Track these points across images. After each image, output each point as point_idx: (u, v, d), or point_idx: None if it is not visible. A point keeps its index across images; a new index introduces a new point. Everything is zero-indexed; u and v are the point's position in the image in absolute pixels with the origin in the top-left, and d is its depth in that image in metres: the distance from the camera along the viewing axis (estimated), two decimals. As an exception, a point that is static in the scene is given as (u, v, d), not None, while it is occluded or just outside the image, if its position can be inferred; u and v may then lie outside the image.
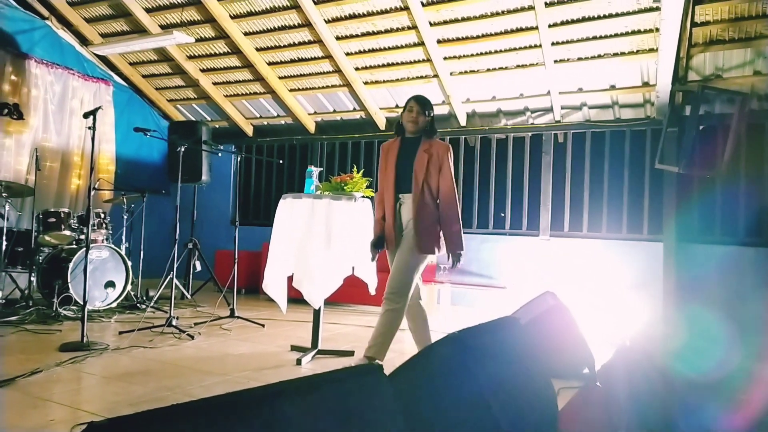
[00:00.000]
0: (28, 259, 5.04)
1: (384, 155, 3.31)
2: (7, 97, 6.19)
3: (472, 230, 6.76)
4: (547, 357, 2.67)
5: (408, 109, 3.24)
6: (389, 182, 3.20)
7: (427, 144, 3.20)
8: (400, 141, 3.29)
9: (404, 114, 3.26)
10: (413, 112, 3.22)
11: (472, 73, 6.16)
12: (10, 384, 2.70)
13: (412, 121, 3.22)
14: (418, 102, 3.25)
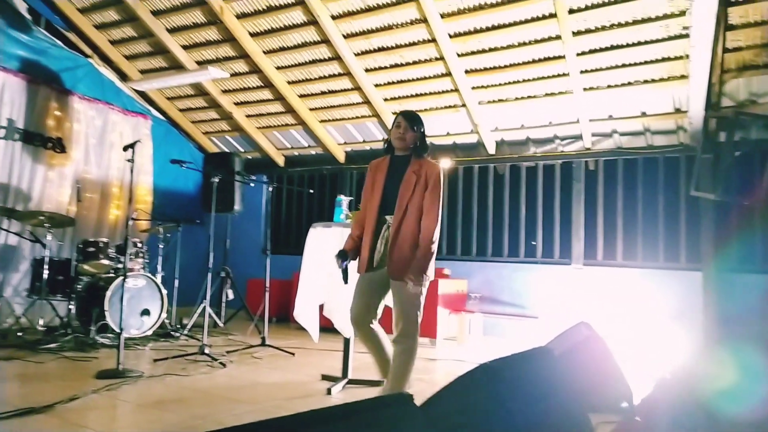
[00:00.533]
0: (67, 288, 5.19)
1: (371, 174, 3.11)
2: (51, 131, 6.49)
3: (503, 259, 6.70)
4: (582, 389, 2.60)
5: (396, 125, 3.01)
6: (374, 203, 2.99)
7: (417, 164, 2.99)
8: (389, 160, 3.09)
9: (392, 130, 3.04)
10: (400, 128, 2.98)
11: (500, 102, 6.20)
12: (49, 410, 2.77)
13: (399, 138, 2.98)
14: (405, 117, 3.01)
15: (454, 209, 7.12)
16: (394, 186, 2.96)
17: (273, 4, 5.86)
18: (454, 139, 6.93)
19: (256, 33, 6.27)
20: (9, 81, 6.06)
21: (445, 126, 6.84)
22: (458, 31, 5.55)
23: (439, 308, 5.78)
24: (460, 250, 7.03)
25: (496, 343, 6.06)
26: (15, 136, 6.13)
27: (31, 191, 6.24)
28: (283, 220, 8.42)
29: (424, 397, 1.65)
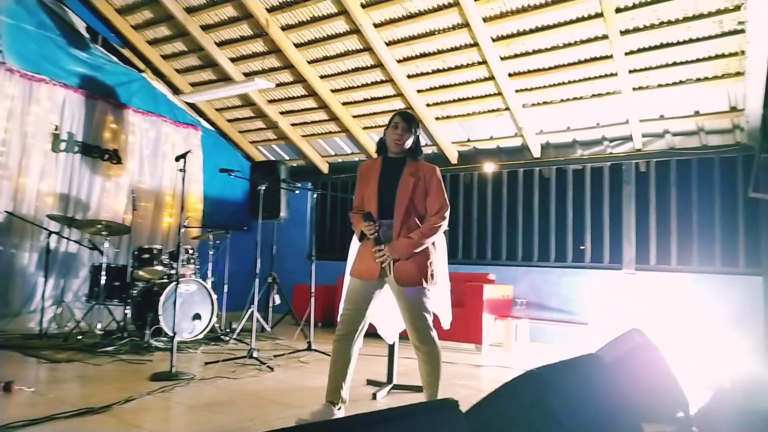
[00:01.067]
0: (123, 293, 5.41)
1: (363, 177, 2.97)
2: (107, 143, 6.80)
3: (550, 264, 6.56)
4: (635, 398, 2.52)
5: (393, 126, 2.88)
6: (371, 207, 2.85)
7: (413, 166, 2.88)
8: (382, 161, 2.95)
9: (388, 131, 2.90)
10: (399, 129, 2.85)
11: (545, 105, 6.10)
12: (106, 410, 2.89)
13: (397, 140, 2.85)
14: (404, 118, 2.89)
15: (499, 214, 7.03)
16: (390, 189, 2.84)
17: (316, 14, 5.97)
18: (497, 143, 6.86)
19: (300, 44, 6.40)
20: (69, 96, 6.39)
21: (488, 130, 6.78)
22: (501, 34, 5.50)
23: (485, 314, 5.71)
24: (505, 255, 6.93)
25: (543, 350, 5.94)
26: (75, 148, 6.46)
27: (89, 201, 6.55)
28: (328, 227, 8.52)
29: (469, 403, 1.63)
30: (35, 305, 5.74)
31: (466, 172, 7.29)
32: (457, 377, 4.30)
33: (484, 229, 7.12)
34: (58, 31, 6.38)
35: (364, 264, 2.88)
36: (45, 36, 6.24)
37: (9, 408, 2.88)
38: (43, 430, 2.53)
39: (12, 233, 5.80)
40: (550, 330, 6.23)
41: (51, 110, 6.21)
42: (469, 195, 7.28)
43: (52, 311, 5.67)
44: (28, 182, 5.96)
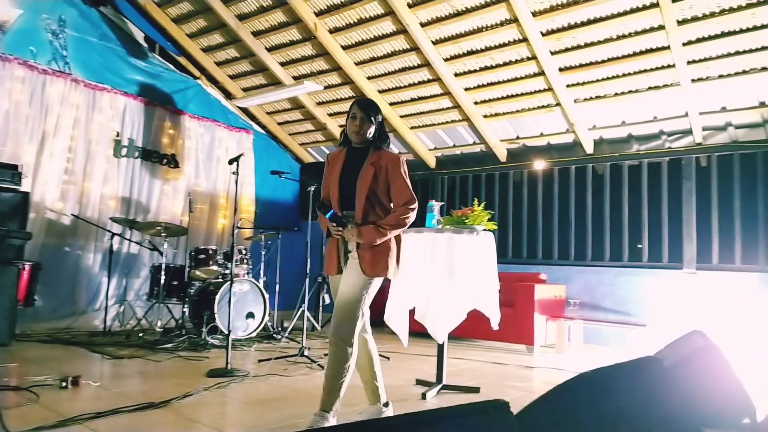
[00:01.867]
0: (181, 292, 5.62)
1: (329, 167, 2.87)
2: (165, 148, 7.08)
3: (604, 263, 6.36)
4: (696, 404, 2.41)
5: (351, 117, 2.74)
6: (333, 200, 2.78)
7: (375, 155, 2.74)
8: (346, 152, 2.83)
9: (347, 122, 2.77)
10: (357, 120, 2.71)
11: (598, 99, 5.92)
12: (166, 405, 3.01)
13: (355, 131, 2.72)
14: (361, 107, 2.74)
15: (550, 212, 6.87)
16: (351, 181, 2.72)
17: (363, 16, 6.01)
18: (548, 139, 6.72)
19: (347, 46, 6.47)
20: (129, 104, 6.69)
21: (538, 126, 6.64)
22: (551, 29, 5.38)
23: (536, 314, 5.60)
24: (557, 255, 6.77)
25: (598, 352, 5.77)
26: (135, 153, 6.75)
27: (149, 204, 6.84)
28: (377, 227, 8.55)
29: (520, 405, 1.61)
30: (100, 304, 6.04)
31: (516, 170, 7.17)
32: (508, 378, 4.24)
33: (535, 227, 6.97)
34: (118, 41, 6.70)
35: (328, 259, 2.82)
36: (107, 47, 6.56)
37: (77, 401, 3.04)
38: (108, 422, 2.66)
39: (78, 235, 6.13)
40: (606, 331, 6.04)
41: (113, 117, 6.52)
42: (519, 193, 7.15)
43: (115, 309, 5.96)
44: (93, 186, 6.28)
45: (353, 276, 2.65)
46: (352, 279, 2.65)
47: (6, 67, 5.60)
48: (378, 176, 2.70)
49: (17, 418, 2.59)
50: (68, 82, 6.10)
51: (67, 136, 6.09)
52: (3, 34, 5.65)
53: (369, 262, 2.64)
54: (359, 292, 2.62)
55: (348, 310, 2.60)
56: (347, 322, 2.59)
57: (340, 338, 2.59)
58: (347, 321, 2.59)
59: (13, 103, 5.65)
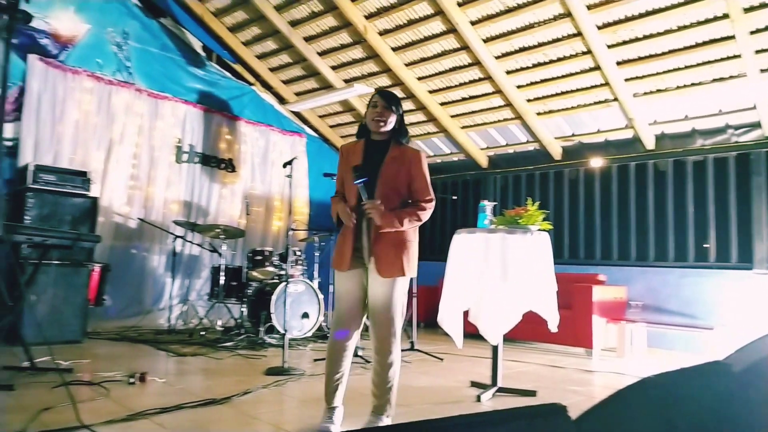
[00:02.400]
0: (240, 292, 5.79)
1: (344, 160, 2.72)
2: (223, 153, 7.32)
3: (668, 264, 6.09)
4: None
5: (372, 105, 2.64)
6: (351, 194, 2.64)
7: (397, 150, 2.64)
8: (364, 144, 2.69)
9: (368, 111, 2.65)
10: (378, 108, 2.60)
11: (659, 93, 5.69)
12: (227, 402, 3.11)
13: (377, 120, 2.59)
14: (383, 96, 2.64)
15: (608, 211, 6.64)
16: (370, 174, 2.58)
17: (413, 17, 6.02)
18: (605, 136, 6.51)
19: (397, 47, 6.49)
20: (189, 112, 6.96)
21: (595, 123, 6.45)
22: (607, 21, 5.22)
23: (594, 317, 5.43)
24: (616, 255, 6.54)
25: (662, 356, 5.53)
26: (195, 159, 7.02)
27: (209, 207, 7.10)
28: (428, 227, 8.54)
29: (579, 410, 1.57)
30: (164, 303, 6.31)
31: (572, 169, 6.99)
32: (566, 382, 4.14)
33: (592, 227, 6.76)
34: (178, 51, 6.98)
35: (338, 253, 2.67)
36: (167, 57, 6.85)
37: (144, 396, 3.19)
38: (172, 417, 2.77)
39: (143, 238, 6.43)
40: (670, 335, 5.79)
41: (174, 125, 6.80)
42: (575, 192, 6.96)
43: (178, 309, 6.21)
44: (156, 191, 6.57)
45: (378, 284, 2.58)
46: (378, 286, 2.58)
47: (75, 79, 5.94)
48: (400, 171, 2.61)
49: (90, 411, 2.74)
50: (132, 91, 6.41)
51: (132, 143, 6.40)
52: (72, 48, 6.00)
53: (384, 262, 2.56)
54: (389, 298, 2.57)
55: (385, 319, 2.57)
56: (386, 329, 2.57)
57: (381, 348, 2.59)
58: (386, 329, 2.57)
59: (83, 113, 5.99)
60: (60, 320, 4.68)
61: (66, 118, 5.84)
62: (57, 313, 4.66)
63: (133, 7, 6.55)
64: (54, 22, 5.84)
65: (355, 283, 2.66)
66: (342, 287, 2.68)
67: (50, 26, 5.83)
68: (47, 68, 5.74)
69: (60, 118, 5.80)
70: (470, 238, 3.61)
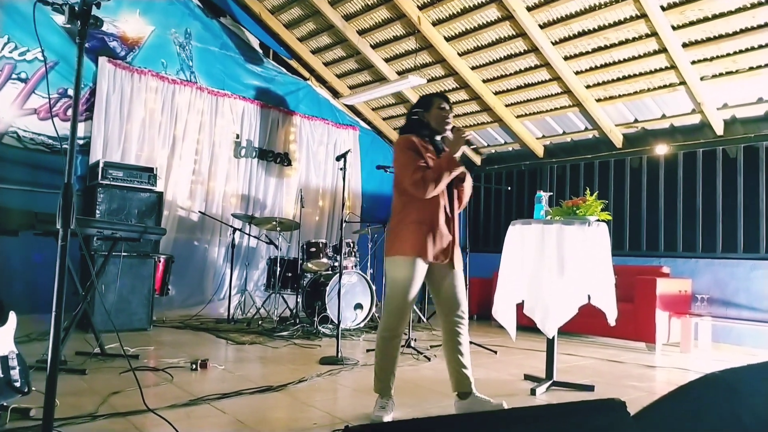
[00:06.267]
0: (295, 283, 5.92)
1: (422, 152, 2.73)
2: (279, 148, 7.48)
3: (737, 255, 5.76)
4: None
5: (441, 108, 2.82)
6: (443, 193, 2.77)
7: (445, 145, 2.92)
8: (428, 143, 2.81)
9: (436, 112, 2.81)
10: (449, 111, 2.85)
11: (729, 75, 5.36)
12: (283, 389, 3.19)
13: (449, 123, 2.84)
14: (448, 101, 2.88)
15: (674, 200, 6.33)
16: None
17: (467, 5, 5.93)
18: (671, 121, 6.20)
19: (450, 37, 6.42)
20: (247, 108, 7.15)
21: (660, 108, 6.16)
22: (672, 2, 4.96)
23: (658, 311, 5.21)
24: (681, 246, 6.23)
25: (729, 352, 5.25)
26: (253, 153, 7.21)
27: (265, 200, 7.28)
28: (482, 219, 8.43)
29: (639, 405, 1.51)
30: (224, 293, 6.54)
31: (634, 157, 6.70)
32: (626, 377, 4.00)
33: (656, 218, 6.47)
34: (236, 49, 7.17)
35: (440, 241, 2.74)
36: (226, 55, 7.06)
37: (205, 382, 3.32)
38: (232, 403, 2.87)
39: (204, 230, 6.68)
40: (739, 330, 5.48)
41: (233, 121, 7.01)
42: (638, 181, 6.68)
43: (237, 299, 6.42)
44: (216, 185, 6.80)
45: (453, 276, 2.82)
46: (455, 278, 2.83)
47: (141, 79, 6.22)
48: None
49: (155, 395, 2.89)
50: (194, 90, 6.65)
51: (194, 139, 6.65)
52: (138, 49, 6.28)
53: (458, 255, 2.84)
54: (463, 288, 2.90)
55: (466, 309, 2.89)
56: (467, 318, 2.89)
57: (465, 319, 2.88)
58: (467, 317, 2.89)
59: (148, 111, 6.27)
60: (128, 309, 4.94)
61: (133, 117, 6.13)
62: (125, 303, 4.92)
63: (195, 8, 6.78)
64: (121, 24, 6.13)
65: (423, 276, 2.77)
66: (418, 277, 2.72)
67: (118, 29, 6.12)
68: (116, 69, 6.03)
69: (127, 117, 6.09)
70: (526, 230, 3.53)
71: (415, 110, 2.89)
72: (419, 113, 2.86)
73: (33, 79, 5.54)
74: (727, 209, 5.90)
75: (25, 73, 5.49)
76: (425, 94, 3.03)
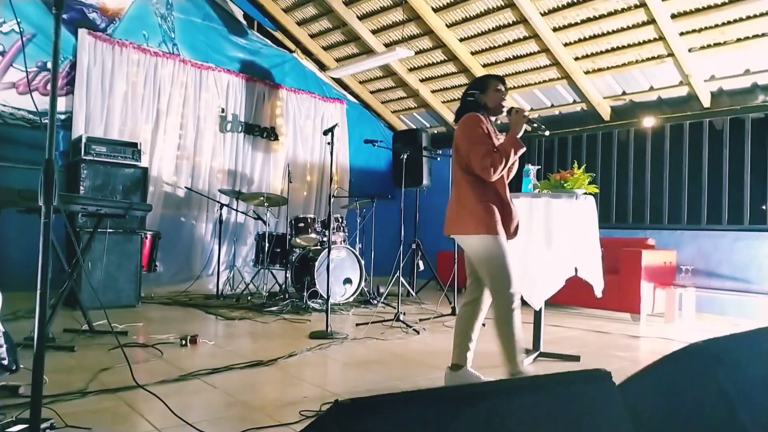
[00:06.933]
0: (284, 258, 5.92)
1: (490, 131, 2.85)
2: (266, 122, 7.39)
3: (721, 227, 5.84)
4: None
5: (497, 90, 2.89)
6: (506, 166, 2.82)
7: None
8: (489, 122, 2.91)
9: (493, 94, 2.88)
10: (504, 94, 2.92)
11: (716, 47, 5.35)
12: (273, 363, 3.21)
13: (504, 104, 2.91)
14: (505, 84, 2.96)
15: (660, 173, 6.38)
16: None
17: (454, -25, 5.82)
18: (658, 93, 6.20)
19: (438, 8, 6.32)
20: (232, 81, 7.03)
21: (647, 80, 6.15)
22: (661, -28, 4.91)
23: (643, 282, 5.29)
24: (666, 218, 6.31)
25: (712, 322, 5.37)
26: (239, 128, 7.12)
27: (252, 175, 7.22)
28: (471, 193, 8.42)
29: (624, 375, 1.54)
30: (212, 269, 6.52)
31: (621, 129, 6.72)
32: (611, 347, 4.07)
33: (642, 190, 6.52)
34: (220, 21, 7.01)
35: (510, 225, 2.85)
36: (210, 27, 6.90)
37: (195, 358, 3.33)
38: (222, 377, 2.89)
39: (191, 206, 6.62)
40: (722, 300, 5.59)
41: (217, 94, 6.89)
42: (624, 153, 6.70)
43: (225, 275, 6.40)
44: (202, 161, 6.72)
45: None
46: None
47: (123, 52, 6.07)
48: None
49: (144, 371, 2.89)
50: (177, 62, 6.51)
51: (178, 114, 6.54)
52: (119, 21, 6.11)
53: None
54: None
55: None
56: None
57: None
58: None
59: (131, 85, 6.14)
60: (115, 286, 4.91)
61: (115, 91, 6.00)
62: (112, 279, 4.89)
63: (175, -23, 6.60)
64: (99, -5, 5.95)
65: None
66: (508, 253, 2.76)
67: (97, 0, 5.94)
68: (96, 42, 5.88)
69: (109, 90, 5.96)
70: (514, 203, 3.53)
71: (471, 92, 2.93)
72: (475, 95, 2.91)
73: (10, 52, 5.38)
74: (713, 182, 5.95)
75: (2, 46, 5.34)
76: (481, 76, 3.08)
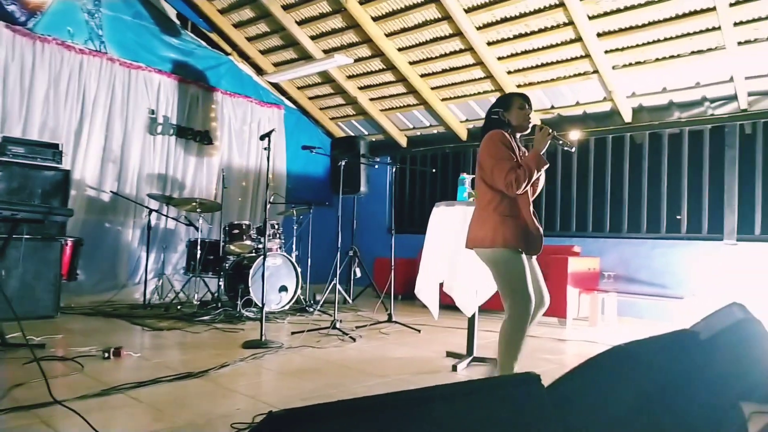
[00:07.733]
0: (217, 266, 5.75)
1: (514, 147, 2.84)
2: (199, 125, 7.17)
3: (641, 235, 6.21)
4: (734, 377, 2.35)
5: (521, 108, 2.89)
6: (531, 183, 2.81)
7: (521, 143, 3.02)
8: (514, 139, 2.90)
9: (517, 112, 2.87)
10: (528, 111, 2.91)
11: (638, 65, 5.70)
12: (204, 375, 3.10)
13: (529, 122, 2.91)
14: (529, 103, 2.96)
15: (585, 183, 6.71)
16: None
17: (392, -15, 5.90)
18: (584, 108, 6.53)
19: (378, 17, 6.37)
20: (164, 82, 6.78)
21: (574, 95, 6.46)
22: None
23: (569, 287, 5.53)
24: (591, 227, 6.63)
25: (632, 325, 5.68)
26: (170, 131, 6.87)
27: (184, 180, 6.98)
28: (407, 200, 8.54)
29: (552, 378, 1.59)
30: (139, 278, 6.24)
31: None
32: (539, 351, 4.22)
33: (569, 199, 6.83)
34: (152, 19, 6.76)
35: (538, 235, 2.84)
36: (140, 25, 6.63)
37: (119, 371, 3.17)
38: (149, 391, 2.76)
39: (117, 211, 6.31)
40: (641, 304, 5.93)
41: (148, 96, 6.62)
42: (552, 164, 6.99)
43: (154, 283, 6.14)
44: (130, 164, 6.43)
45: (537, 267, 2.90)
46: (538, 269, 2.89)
47: (45, 48, 5.73)
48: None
49: (63, 387, 2.72)
50: (104, 61, 6.21)
51: (105, 114, 6.23)
52: (41, 15, 5.76)
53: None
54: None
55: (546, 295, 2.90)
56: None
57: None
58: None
59: (53, 83, 5.79)
60: (32, 295, 4.60)
61: (36, 89, 5.65)
62: (28, 289, 4.58)
63: (103, -28, 6.30)
64: (18, -14, 5.59)
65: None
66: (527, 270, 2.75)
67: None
68: (15, 36, 5.52)
69: (29, 88, 5.61)
70: (448, 211, 3.61)
71: (495, 110, 2.92)
72: (499, 113, 2.91)
73: None
74: (633, 192, 6.33)
75: None
76: (505, 94, 3.10)
